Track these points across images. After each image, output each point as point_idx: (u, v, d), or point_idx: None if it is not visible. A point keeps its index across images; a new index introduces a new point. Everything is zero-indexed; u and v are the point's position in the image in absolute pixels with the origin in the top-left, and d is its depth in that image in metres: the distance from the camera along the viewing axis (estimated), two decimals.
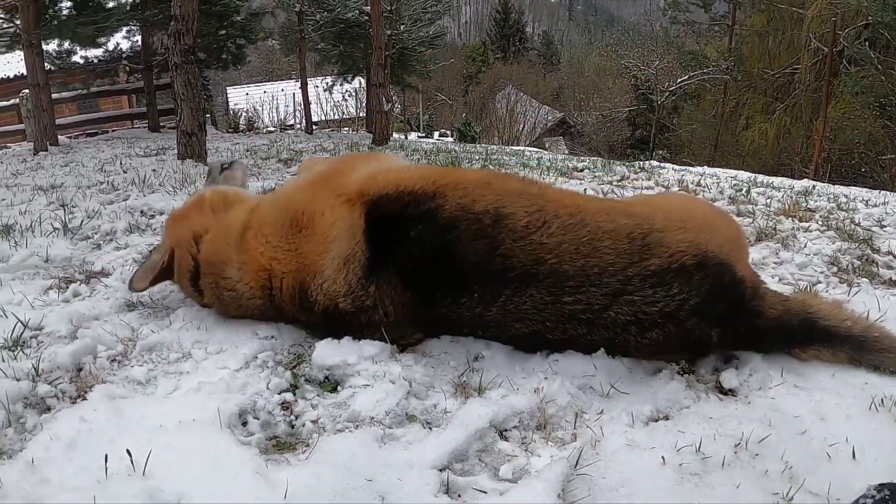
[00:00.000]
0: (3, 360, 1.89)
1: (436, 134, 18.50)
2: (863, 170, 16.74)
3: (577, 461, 1.45)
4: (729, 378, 1.85)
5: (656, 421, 1.67)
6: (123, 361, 2.00)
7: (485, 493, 1.39)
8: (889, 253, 3.29)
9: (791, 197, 4.84)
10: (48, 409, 1.72)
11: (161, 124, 10.88)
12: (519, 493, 1.36)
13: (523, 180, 2.12)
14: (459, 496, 1.40)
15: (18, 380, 1.77)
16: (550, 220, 1.82)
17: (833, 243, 3.34)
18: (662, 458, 1.48)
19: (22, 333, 2.11)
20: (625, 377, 1.84)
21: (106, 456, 1.41)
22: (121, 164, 6.05)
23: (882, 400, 1.73)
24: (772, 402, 1.74)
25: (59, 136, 8.76)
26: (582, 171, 6.22)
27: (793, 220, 3.87)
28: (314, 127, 15.55)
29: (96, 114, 11.27)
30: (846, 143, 17.24)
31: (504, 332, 1.88)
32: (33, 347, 2.08)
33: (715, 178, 6.20)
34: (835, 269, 2.95)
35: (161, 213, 3.76)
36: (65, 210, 3.62)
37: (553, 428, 1.63)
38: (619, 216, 1.86)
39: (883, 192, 6.37)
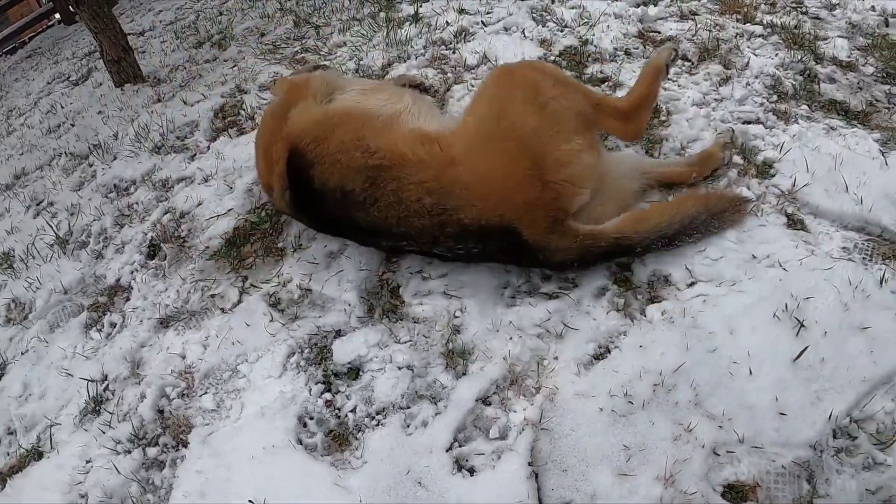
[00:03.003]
0: (103, 433, 2.46)
1: None
2: None
3: (541, 417, 2.07)
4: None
5: (598, 360, 2.19)
6: (190, 394, 2.56)
7: (483, 454, 2.04)
8: (833, 60, 3.45)
9: None
10: (162, 463, 2.33)
11: (73, 11, 9.96)
12: (501, 469, 1.98)
13: None
14: (467, 461, 2.05)
15: (129, 452, 2.36)
16: None
17: (776, 54, 3.48)
18: (600, 408, 2.04)
19: (96, 391, 2.65)
20: (573, 312, 2.34)
21: None
22: (61, 107, 5.83)
23: (786, 305, 2.10)
24: (692, 321, 2.16)
25: None
26: None
27: (736, 22, 3.87)
28: None
29: (10, 28, 10.30)
30: None
31: None
32: (111, 399, 2.63)
33: None
34: (775, 97, 3.16)
35: (133, 183, 3.92)
36: (51, 226, 3.83)
37: (522, 379, 2.23)
38: (424, 195, 2.31)
39: None
